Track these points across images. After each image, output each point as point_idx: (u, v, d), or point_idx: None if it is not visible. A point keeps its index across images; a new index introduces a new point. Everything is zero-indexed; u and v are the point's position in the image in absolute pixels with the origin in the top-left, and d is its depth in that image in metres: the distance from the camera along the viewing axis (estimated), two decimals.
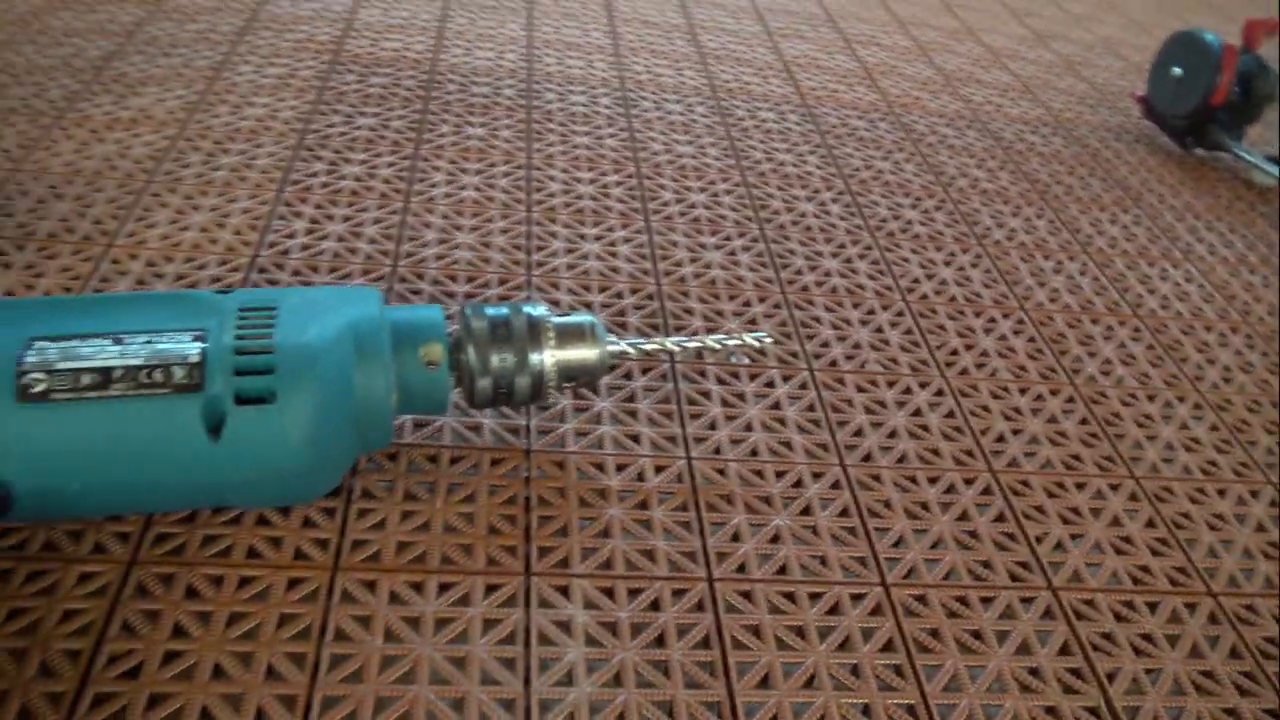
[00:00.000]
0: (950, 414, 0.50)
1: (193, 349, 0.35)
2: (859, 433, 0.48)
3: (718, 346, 0.44)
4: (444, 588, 0.37)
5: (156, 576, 0.36)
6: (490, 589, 0.37)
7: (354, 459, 0.39)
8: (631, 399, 0.47)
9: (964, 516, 0.44)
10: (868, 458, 0.46)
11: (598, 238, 0.59)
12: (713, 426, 0.46)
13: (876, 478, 0.45)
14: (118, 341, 0.35)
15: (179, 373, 0.35)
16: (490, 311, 0.41)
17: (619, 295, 0.54)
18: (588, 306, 0.53)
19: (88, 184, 0.56)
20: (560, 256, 0.56)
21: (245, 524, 0.38)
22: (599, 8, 0.93)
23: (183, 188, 0.57)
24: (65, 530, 0.37)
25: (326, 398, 0.36)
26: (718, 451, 0.45)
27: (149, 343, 0.35)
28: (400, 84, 0.72)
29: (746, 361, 0.51)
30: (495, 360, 0.40)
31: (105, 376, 0.34)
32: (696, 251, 0.59)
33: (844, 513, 0.43)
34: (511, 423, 0.45)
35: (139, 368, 0.34)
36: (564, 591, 0.38)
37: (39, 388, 0.33)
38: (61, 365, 0.34)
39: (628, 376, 0.49)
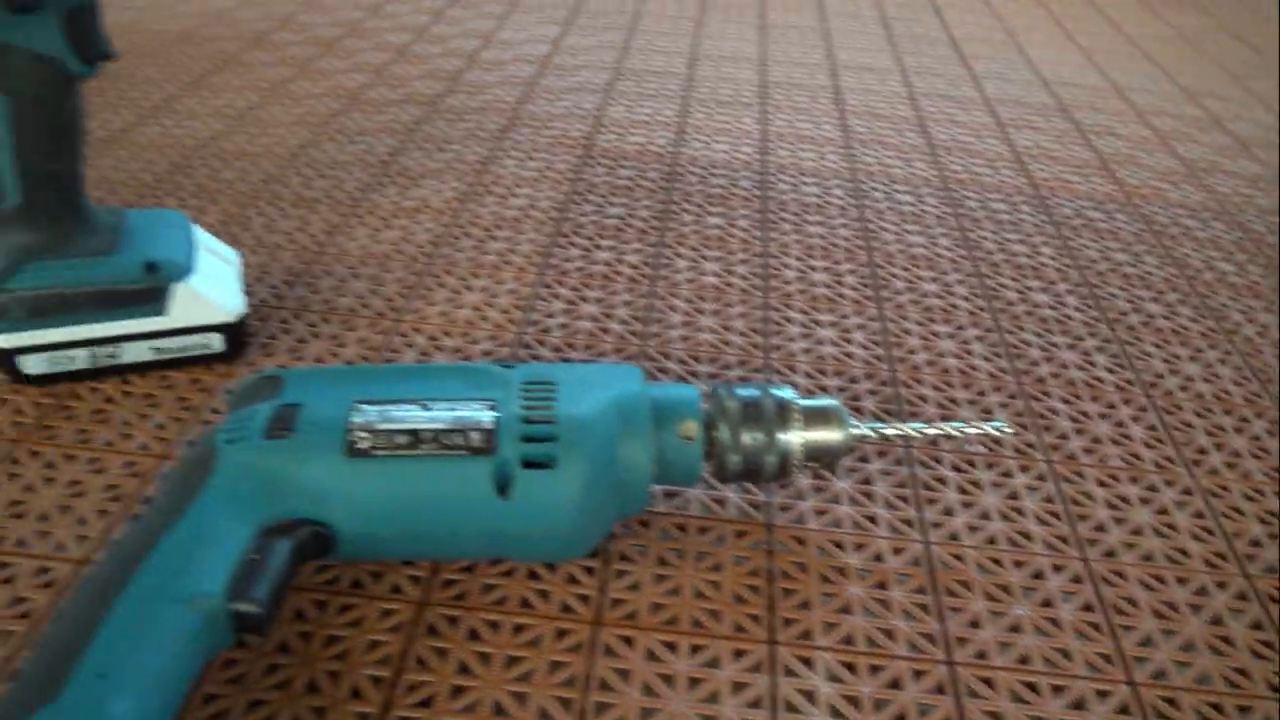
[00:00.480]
0: (1199, 514, 0.49)
1: (487, 417, 0.40)
2: (1101, 528, 0.47)
3: (958, 434, 0.45)
4: (695, 649, 0.40)
5: (444, 617, 0.40)
6: (738, 654, 0.40)
7: (613, 523, 0.43)
8: (868, 481, 0.49)
9: (1217, 621, 0.43)
10: (1111, 553, 0.46)
11: (832, 324, 0.61)
12: (949, 512, 0.47)
13: (1121, 574, 0.45)
14: (425, 407, 0.40)
15: (476, 437, 0.39)
16: (741, 392, 0.44)
17: (853, 380, 0.56)
18: (823, 390, 0.55)
19: (379, 265, 0.64)
20: (797, 341, 0.59)
21: (517, 576, 0.42)
22: (829, 102, 0.96)
23: (457, 270, 0.64)
24: (368, 571, 0.42)
25: (598, 466, 0.40)
26: (954, 537, 0.46)
27: (450, 409, 0.40)
28: (645, 176, 0.78)
29: (982, 450, 0.52)
30: (746, 438, 0.43)
31: (415, 437, 0.39)
32: (929, 339, 0.60)
33: (1087, 608, 0.43)
34: (753, 498, 0.47)
35: (443, 431, 0.39)
36: (807, 662, 0.39)
37: (363, 444, 0.39)
38: (380, 426, 0.39)
39: (864, 459, 0.50)
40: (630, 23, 1.16)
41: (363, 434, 0.39)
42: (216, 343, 0.53)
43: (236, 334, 0.53)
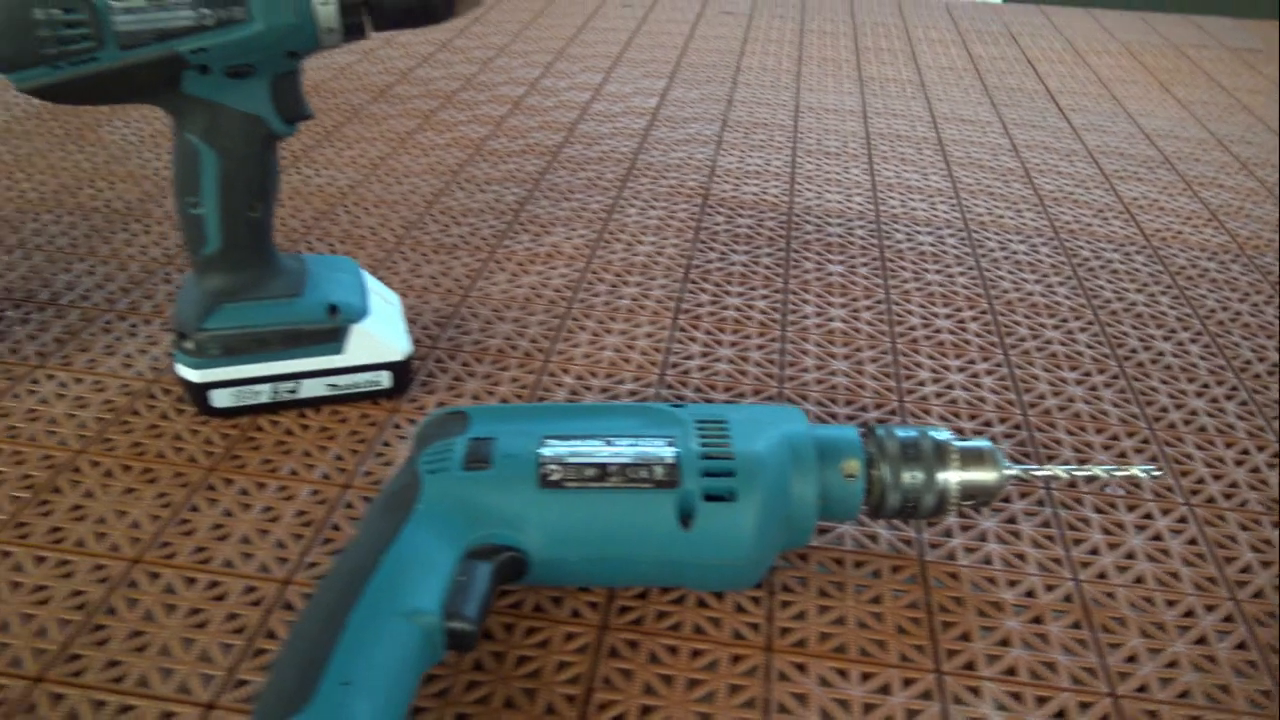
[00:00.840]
0: None
1: (668, 452, 0.43)
2: (1247, 569, 0.48)
3: (1106, 476, 0.47)
4: (865, 676, 0.42)
5: (624, 641, 0.43)
6: (906, 682, 0.41)
7: (777, 555, 0.45)
8: (1013, 520, 0.51)
9: None
10: (1259, 594, 0.47)
11: (960, 369, 0.63)
12: (1095, 552, 0.49)
13: (1271, 614, 0.46)
14: (608, 443, 0.43)
15: (659, 471, 0.42)
16: (900, 433, 0.46)
17: (987, 424, 0.58)
18: (960, 433, 0.57)
19: (521, 309, 0.67)
20: (928, 385, 0.61)
21: (688, 604, 0.45)
22: (933, 153, 0.98)
23: (595, 314, 0.67)
24: (548, 596, 0.45)
25: (772, 500, 0.42)
26: (1103, 576, 0.47)
27: (632, 445, 0.43)
28: (763, 224, 0.81)
29: (1121, 492, 0.53)
30: (906, 477, 0.45)
31: (602, 470, 0.42)
32: (1058, 385, 0.62)
33: (1242, 646, 0.44)
34: (903, 533, 0.49)
35: (628, 465, 0.42)
36: (975, 692, 0.41)
37: (555, 476, 0.42)
38: (570, 460, 0.42)
39: (1006, 500, 0.52)
40: (730, 76, 1.20)
41: (554, 467, 0.42)
42: (385, 380, 0.56)
43: (403, 372, 0.57)
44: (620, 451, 0.43)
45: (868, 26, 1.48)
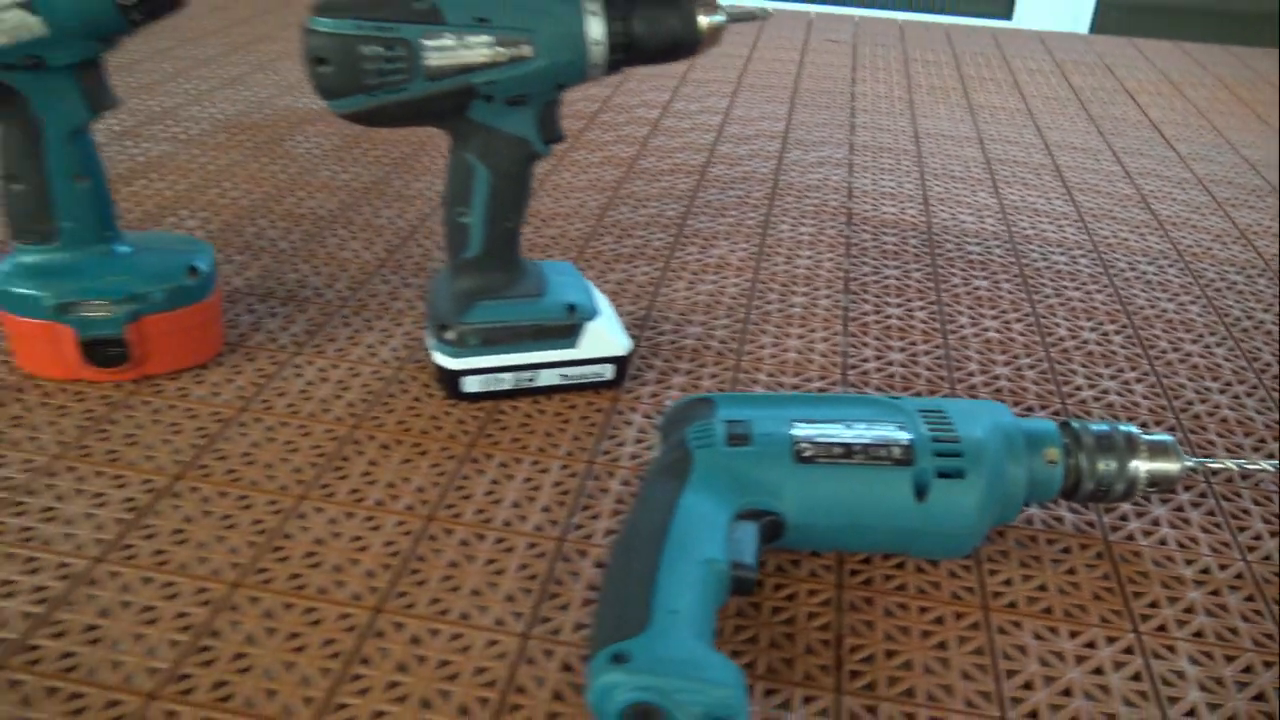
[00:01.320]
0: None
1: (902, 436, 0.50)
2: None
3: (1273, 470, 0.53)
4: (1072, 634, 0.48)
5: (860, 598, 0.49)
6: (1109, 639, 0.48)
7: (989, 529, 0.52)
8: (1180, 509, 0.57)
9: None
10: None
11: (1111, 376, 0.69)
12: (1258, 538, 0.55)
13: None
14: (848, 426, 0.50)
15: (897, 451, 0.49)
16: (1094, 427, 0.53)
17: (1144, 425, 0.64)
18: None
19: (705, 313, 0.74)
20: (1084, 390, 0.67)
21: (908, 569, 0.51)
22: (1052, 178, 1.05)
23: (771, 320, 0.74)
24: (787, 559, 0.52)
25: (993, 480, 0.49)
26: (1267, 558, 0.54)
27: (869, 429, 0.50)
28: (907, 242, 0.88)
29: (1275, 487, 0.59)
30: (1100, 465, 0.51)
31: (847, 449, 0.49)
32: (1204, 394, 0.68)
33: None
34: (1085, 517, 0.56)
35: (870, 445, 0.49)
36: (1170, 649, 0.47)
37: (808, 453, 0.49)
38: (819, 439, 0.49)
39: (1173, 490, 0.58)
40: (847, 102, 1.27)
41: (807, 445, 0.49)
42: (608, 372, 0.64)
43: (623, 365, 0.64)
44: (860, 434, 0.50)
45: (967, 56, 1.54)
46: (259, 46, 1.37)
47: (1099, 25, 1.85)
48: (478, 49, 0.54)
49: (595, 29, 0.54)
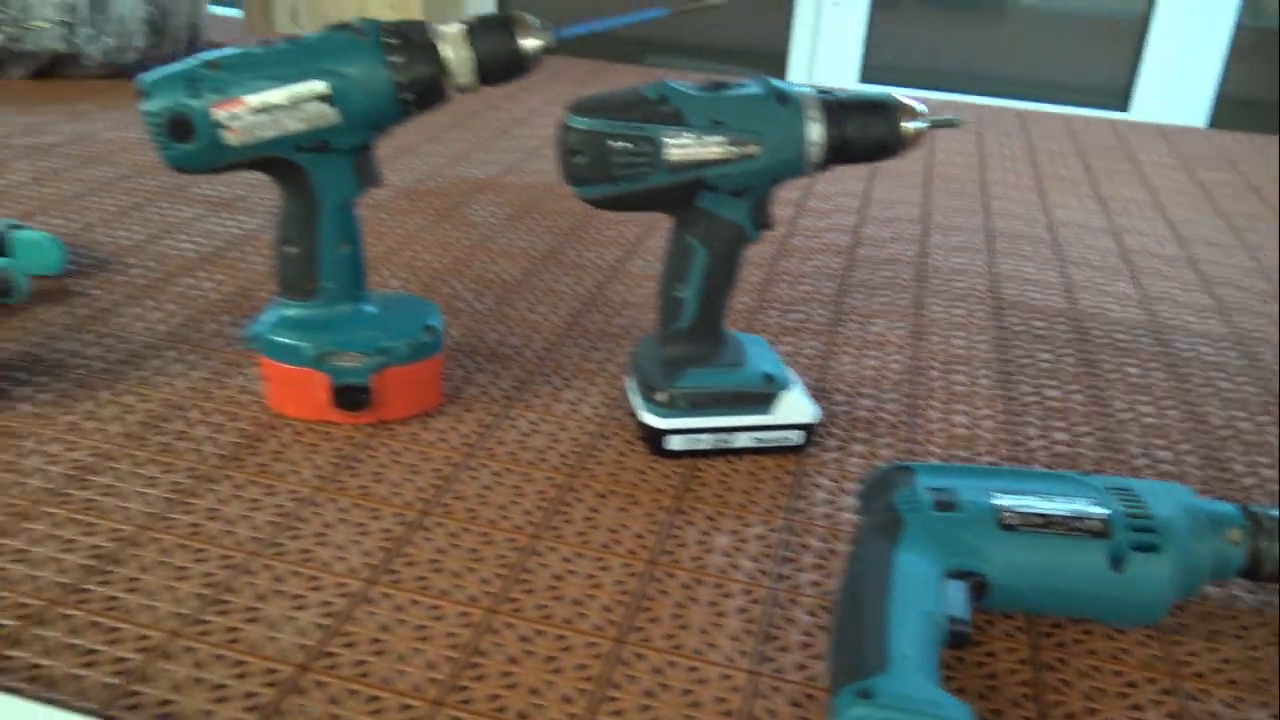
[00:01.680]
0: None
1: (1098, 510, 0.54)
2: None
3: None
4: (1263, 704, 0.52)
5: (1055, 659, 0.54)
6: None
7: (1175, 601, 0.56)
8: None
9: None
10: None
11: (1268, 466, 0.73)
12: None
13: None
14: (1045, 499, 0.55)
15: (1095, 524, 0.53)
16: (1273, 512, 0.56)
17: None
18: None
19: (873, 387, 0.80)
20: (1245, 477, 0.71)
21: (1097, 634, 0.55)
22: (1188, 269, 1.09)
23: (936, 396, 0.79)
24: (981, 619, 0.56)
25: (1182, 556, 0.53)
26: None
27: (1066, 502, 0.55)
28: (1055, 328, 0.92)
29: None
30: None
31: (1047, 520, 0.54)
32: None
33: None
34: (1259, 595, 0.59)
35: (1069, 517, 0.54)
36: None
37: (1011, 521, 0.54)
38: (1020, 509, 0.54)
39: None
40: (979, 190, 1.32)
41: (1010, 514, 0.54)
42: (795, 438, 0.69)
43: (811, 432, 0.70)
44: (1057, 506, 0.54)
45: (1090, 147, 1.59)
46: (428, 118, 1.47)
47: (1216, 119, 1.88)
48: (712, 147, 0.61)
49: (815, 133, 0.61)
